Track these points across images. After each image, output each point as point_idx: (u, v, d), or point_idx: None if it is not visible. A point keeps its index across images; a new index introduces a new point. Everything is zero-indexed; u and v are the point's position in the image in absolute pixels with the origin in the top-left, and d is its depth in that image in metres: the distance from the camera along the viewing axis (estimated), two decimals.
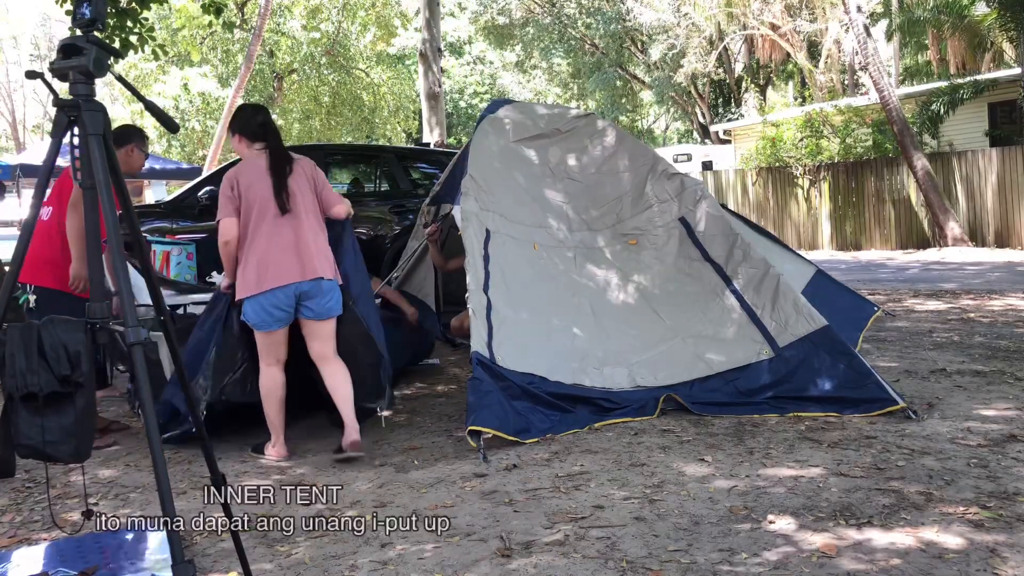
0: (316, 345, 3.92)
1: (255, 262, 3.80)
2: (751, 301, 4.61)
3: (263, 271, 3.78)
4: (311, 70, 26.09)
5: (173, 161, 21.77)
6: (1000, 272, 10.96)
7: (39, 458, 2.01)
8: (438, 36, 14.58)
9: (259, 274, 3.78)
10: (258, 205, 3.81)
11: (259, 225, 3.81)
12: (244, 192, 3.82)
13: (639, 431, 4.05)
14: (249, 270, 3.81)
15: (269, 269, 3.77)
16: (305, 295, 3.82)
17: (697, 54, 26.24)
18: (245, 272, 3.83)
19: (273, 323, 3.83)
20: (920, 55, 26.62)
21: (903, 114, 14.78)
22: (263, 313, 3.80)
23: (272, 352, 3.90)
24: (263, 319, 3.82)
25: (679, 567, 2.55)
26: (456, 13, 32.34)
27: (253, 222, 3.81)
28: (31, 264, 4.11)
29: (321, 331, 3.91)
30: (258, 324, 3.84)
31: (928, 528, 2.75)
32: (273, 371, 3.91)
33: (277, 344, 3.90)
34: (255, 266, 3.79)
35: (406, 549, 2.79)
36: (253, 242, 3.81)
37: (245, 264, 3.83)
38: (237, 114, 4.02)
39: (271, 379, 3.91)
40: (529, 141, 5.18)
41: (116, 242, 1.97)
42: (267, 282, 3.77)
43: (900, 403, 4.07)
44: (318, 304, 3.84)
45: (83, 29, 2.01)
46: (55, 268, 4.13)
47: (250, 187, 3.82)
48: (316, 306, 3.84)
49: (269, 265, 3.78)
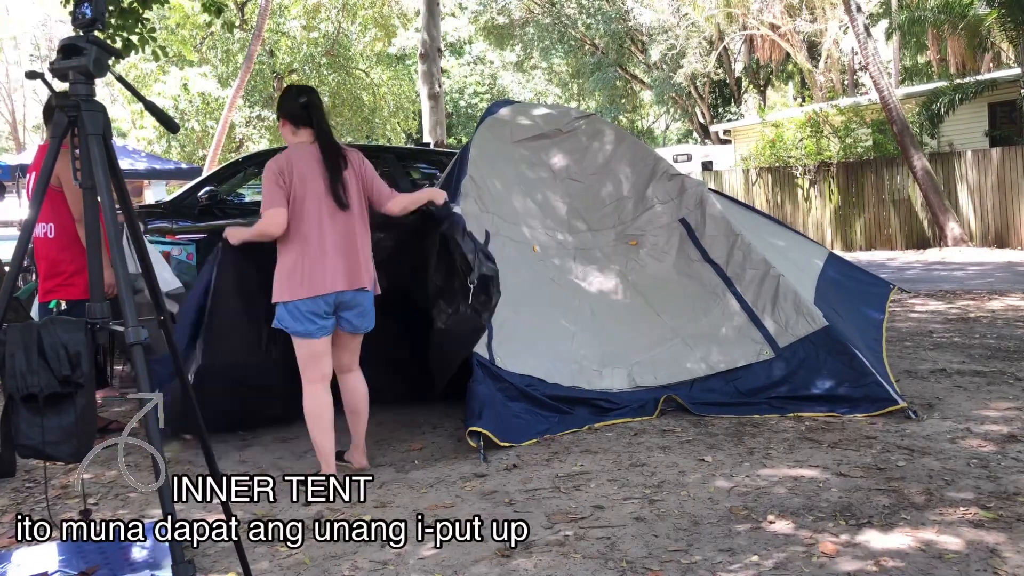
0: (345, 356, 3.62)
1: (297, 263, 3.40)
2: (751, 301, 4.61)
3: (306, 274, 3.39)
4: (311, 70, 26.09)
5: (173, 161, 21.75)
6: (1000, 272, 10.96)
7: (39, 458, 2.01)
8: (438, 36, 14.57)
9: (302, 277, 3.39)
10: (308, 198, 3.40)
11: (308, 221, 3.40)
12: (296, 182, 3.40)
13: (639, 431, 4.05)
14: (290, 271, 3.41)
15: (314, 272, 3.39)
16: (344, 305, 3.47)
17: (697, 54, 26.26)
18: (284, 272, 3.43)
19: (317, 331, 3.43)
20: (920, 55, 26.63)
21: (903, 114, 14.78)
22: (305, 321, 3.40)
23: (315, 367, 3.48)
24: (306, 327, 3.41)
25: (679, 567, 2.55)
26: (456, 13, 32.33)
27: (301, 217, 3.40)
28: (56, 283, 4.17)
29: (352, 343, 3.62)
30: (301, 332, 3.43)
31: (928, 528, 2.75)
32: (318, 390, 3.48)
33: (319, 357, 3.48)
34: (297, 267, 3.40)
35: (406, 549, 2.79)
36: (297, 239, 3.40)
37: (283, 264, 3.44)
38: (282, 96, 3.63)
39: (317, 400, 3.48)
40: (529, 142, 5.18)
41: (116, 242, 1.97)
42: (319, 286, 3.39)
43: (900, 403, 4.07)
44: (356, 316, 3.52)
45: (83, 29, 2.01)
46: (80, 278, 4.16)
47: (302, 178, 3.41)
48: (355, 318, 3.52)
49: (314, 268, 3.39)
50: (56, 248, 4.21)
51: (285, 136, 3.56)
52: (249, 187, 8.05)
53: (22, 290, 5.65)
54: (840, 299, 5.31)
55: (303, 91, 3.57)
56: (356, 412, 3.68)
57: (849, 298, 5.53)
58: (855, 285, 6.01)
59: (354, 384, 3.67)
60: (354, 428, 3.69)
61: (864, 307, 5.59)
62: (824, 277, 5.50)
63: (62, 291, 4.22)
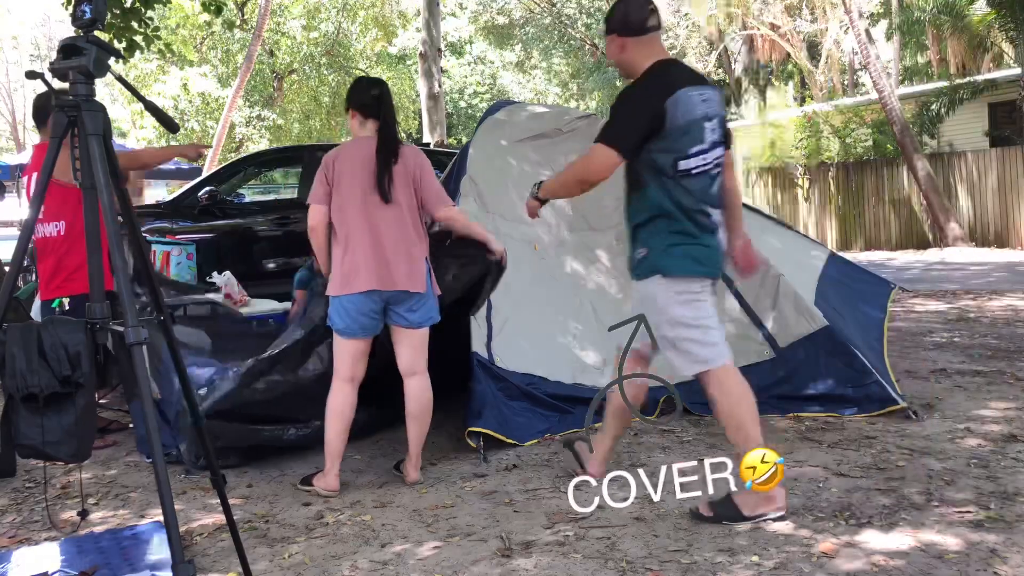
0: (406, 355, 3.45)
1: (345, 258, 3.35)
2: (752, 301, 4.61)
3: (353, 269, 3.32)
4: (311, 70, 26.09)
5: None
6: (1000, 272, 10.96)
7: (39, 458, 2.01)
8: (438, 36, 14.58)
9: (347, 272, 3.33)
10: (355, 192, 3.35)
11: (354, 216, 3.34)
12: (338, 177, 3.37)
13: (639, 431, 4.05)
14: (338, 265, 3.37)
15: (360, 268, 3.31)
16: (395, 300, 3.36)
17: (697, 54, 26.27)
18: (335, 267, 3.39)
19: (359, 331, 3.35)
20: (920, 55, 26.61)
21: (903, 114, 14.77)
22: (347, 318, 3.34)
23: (348, 365, 3.39)
24: (348, 324, 3.34)
25: (679, 567, 2.55)
26: (456, 13, 32.34)
27: (348, 211, 3.35)
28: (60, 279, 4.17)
29: (411, 339, 3.43)
30: (340, 329, 3.37)
31: (928, 528, 2.75)
32: (346, 389, 3.40)
33: (356, 357, 3.39)
34: (345, 263, 3.34)
35: (406, 549, 2.79)
36: (343, 233, 3.36)
37: (334, 258, 3.40)
38: (352, 86, 3.58)
39: (342, 397, 3.40)
40: (529, 141, 5.17)
41: (116, 242, 1.97)
42: (355, 284, 3.31)
43: (901, 403, 4.07)
44: (409, 311, 3.38)
45: (83, 29, 2.01)
46: (82, 272, 4.15)
47: (348, 172, 3.38)
48: (407, 313, 3.38)
49: (360, 263, 3.32)
50: (66, 246, 4.19)
51: (352, 127, 3.52)
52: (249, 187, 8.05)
53: (22, 290, 5.65)
54: (841, 298, 5.31)
55: (374, 83, 3.54)
56: (416, 418, 3.47)
57: (850, 297, 5.52)
58: (856, 284, 6.01)
59: (417, 389, 3.46)
60: (412, 436, 3.48)
61: (865, 306, 5.59)
62: (825, 276, 5.49)
63: (66, 287, 4.19)
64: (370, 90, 3.47)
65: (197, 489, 3.53)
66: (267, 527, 3.07)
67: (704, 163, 2.91)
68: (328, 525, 3.06)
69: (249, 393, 3.62)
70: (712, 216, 2.97)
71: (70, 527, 3.11)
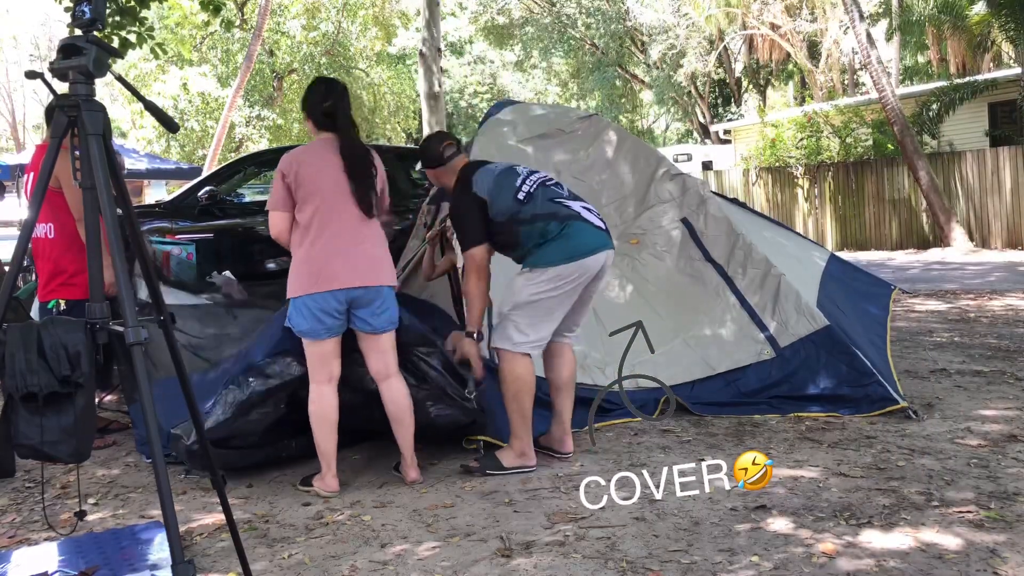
0: (376, 361, 3.43)
1: (306, 257, 3.32)
2: (752, 301, 4.61)
3: (315, 269, 3.29)
4: (311, 70, 26.08)
5: (173, 161, 21.73)
6: (1001, 272, 10.96)
7: (39, 458, 2.01)
8: (438, 36, 14.55)
9: (312, 273, 3.30)
10: (325, 199, 3.31)
11: (320, 221, 3.32)
12: (302, 183, 3.32)
13: (639, 431, 4.05)
14: (300, 268, 3.34)
15: (324, 267, 3.28)
16: (357, 303, 3.31)
17: (697, 54, 26.27)
18: (295, 267, 3.36)
19: (323, 331, 3.31)
20: (920, 55, 26.64)
21: (903, 114, 14.77)
22: (311, 319, 3.29)
23: (323, 368, 3.35)
24: (311, 326, 3.30)
25: (679, 567, 2.55)
26: (456, 13, 32.34)
27: (313, 217, 3.32)
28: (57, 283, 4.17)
29: (379, 345, 3.41)
30: (305, 331, 3.32)
31: (928, 528, 2.75)
32: (325, 391, 3.36)
33: (327, 358, 3.35)
34: (306, 262, 3.32)
35: (406, 549, 2.79)
36: (307, 233, 3.33)
37: (295, 259, 3.37)
38: (305, 93, 3.51)
39: (323, 400, 3.35)
40: (531, 141, 5.17)
41: (116, 242, 1.97)
42: (319, 283, 3.27)
43: (901, 403, 4.07)
44: (372, 315, 3.34)
45: (83, 29, 2.01)
46: (81, 278, 4.16)
47: (313, 178, 3.32)
48: (370, 317, 3.34)
49: (324, 263, 3.29)
50: (59, 249, 4.21)
51: (309, 129, 3.50)
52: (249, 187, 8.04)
53: (22, 290, 5.65)
54: (844, 297, 5.31)
55: (329, 93, 3.44)
56: (398, 420, 3.44)
57: (853, 296, 5.53)
58: (857, 284, 6.02)
59: (392, 391, 3.43)
60: (399, 438, 3.47)
61: (867, 304, 5.60)
62: (828, 275, 5.50)
63: (63, 291, 4.21)
64: (322, 104, 3.42)
65: (197, 489, 3.53)
66: (267, 527, 3.07)
67: (532, 185, 3.57)
68: (328, 525, 3.06)
69: (242, 424, 3.53)
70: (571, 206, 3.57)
71: (69, 527, 3.10)
